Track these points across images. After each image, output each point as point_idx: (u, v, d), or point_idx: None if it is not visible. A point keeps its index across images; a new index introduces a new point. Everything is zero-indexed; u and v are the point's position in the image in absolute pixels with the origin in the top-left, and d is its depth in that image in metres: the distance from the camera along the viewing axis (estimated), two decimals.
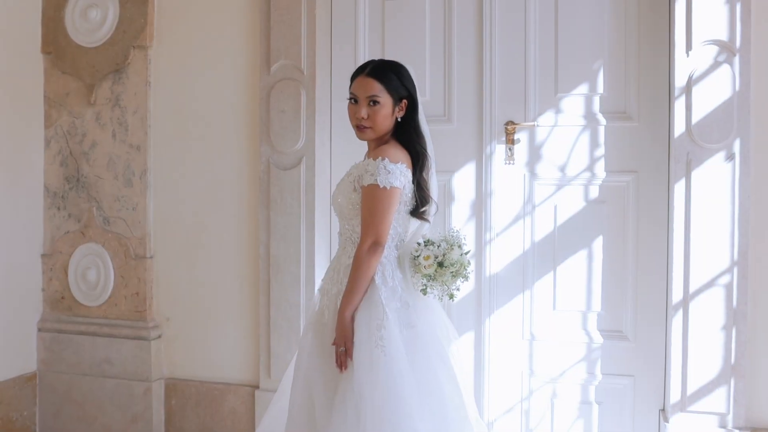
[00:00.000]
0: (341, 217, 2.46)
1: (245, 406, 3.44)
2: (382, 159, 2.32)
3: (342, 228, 2.48)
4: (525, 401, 3.24)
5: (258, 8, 3.37)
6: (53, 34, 3.66)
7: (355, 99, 2.43)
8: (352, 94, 2.44)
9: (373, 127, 2.40)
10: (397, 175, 2.31)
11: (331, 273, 2.49)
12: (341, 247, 2.48)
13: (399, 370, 2.22)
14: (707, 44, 2.86)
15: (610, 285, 3.14)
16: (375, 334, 2.25)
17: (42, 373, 3.68)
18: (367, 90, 2.40)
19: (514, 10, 3.20)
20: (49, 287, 3.71)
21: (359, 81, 2.43)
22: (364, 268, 2.30)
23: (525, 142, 3.22)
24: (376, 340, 2.24)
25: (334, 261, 2.51)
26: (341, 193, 2.43)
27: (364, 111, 2.39)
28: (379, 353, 2.23)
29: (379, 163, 2.31)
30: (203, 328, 3.53)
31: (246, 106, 3.44)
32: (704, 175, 2.87)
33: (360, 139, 2.48)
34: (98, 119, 3.61)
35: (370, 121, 2.40)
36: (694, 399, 2.89)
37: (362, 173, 2.35)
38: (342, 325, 2.29)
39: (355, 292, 2.30)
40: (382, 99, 2.39)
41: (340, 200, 2.42)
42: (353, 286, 2.30)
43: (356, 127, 2.43)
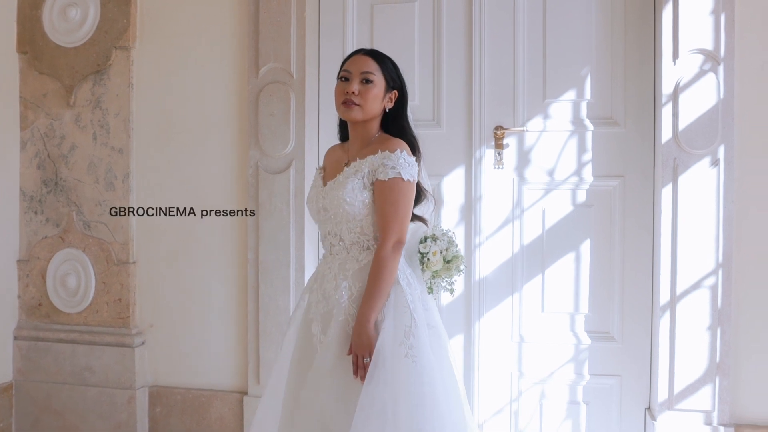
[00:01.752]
0: (345, 219, 2.23)
1: (233, 413, 3.40)
2: (401, 151, 2.19)
3: (342, 231, 2.26)
4: (514, 402, 3.29)
5: (246, 11, 3.34)
6: (29, 34, 3.56)
7: (346, 77, 2.28)
8: (345, 71, 2.29)
9: (363, 105, 2.25)
10: (414, 167, 2.21)
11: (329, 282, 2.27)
12: (344, 252, 2.26)
13: (431, 379, 2.11)
14: (693, 53, 2.94)
15: (598, 287, 3.20)
16: (404, 343, 2.11)
17: (18, 383, 3.58)
18: (362, 66, 2.27)
19: (503, 16, 3.24)
20: (25, 294, 3.61)
21: (355, 59, 2.31)
22: (390, 270, 2.15)
23: (514, 146, 3.26)
24: (406, 349, 2.11)
25: (335, 267, 2.27)
26: (348, 193, 2.21)
27: (356, 86, 2.24)
28: (409, 363, 2.10)
29: (399, 156, 2.18)
30: (189, 334, 3.48)
31: (234, 109, 3.40)
32: (690, 180, 2.96)
33: (344, 118, 2.32)
34: (78, 121, 3.53)
35: (360, 98, 2.24)
36: (681, 397, 2.97)
37: (377, 167, 2.19)
38: (367, 333, 2.12)
39: (380, 297, 2.14)
40: (376, 78, 2.26)
41: (348, 200, 2.20)
42: (378, 290, 2.14)
43: (343, 103, 2.26)
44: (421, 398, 2.08)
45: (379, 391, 2.07)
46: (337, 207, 2.23)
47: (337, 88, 2.30)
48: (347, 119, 2.30)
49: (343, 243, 2.27)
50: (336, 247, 2.29)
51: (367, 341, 2.12)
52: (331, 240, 2.30)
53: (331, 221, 2.28)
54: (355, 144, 2.34)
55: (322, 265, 2.35)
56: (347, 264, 2.26)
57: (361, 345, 2.13)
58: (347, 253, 2.27)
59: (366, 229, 2.25)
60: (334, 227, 2.28)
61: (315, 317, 2.29)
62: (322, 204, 2.29)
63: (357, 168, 2.23)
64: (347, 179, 2.23)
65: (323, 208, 2.29)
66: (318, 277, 2.34)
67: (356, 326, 2.16)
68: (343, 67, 2.31)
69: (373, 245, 2.25)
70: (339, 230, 2.27)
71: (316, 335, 2.28)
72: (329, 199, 2.26)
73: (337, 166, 2.36)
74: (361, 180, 2.22)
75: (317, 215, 2.34)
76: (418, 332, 2.15)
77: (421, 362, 2.12)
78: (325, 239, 2.34)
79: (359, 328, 2.15)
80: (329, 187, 2.29)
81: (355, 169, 2.24)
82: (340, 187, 2.24)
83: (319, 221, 2.36)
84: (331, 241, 2.30)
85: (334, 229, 2.28)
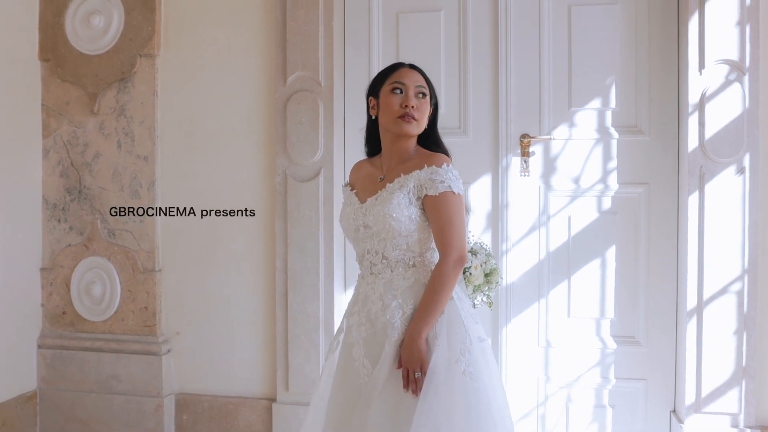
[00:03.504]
0: (390, 235, 2.17)
1: (261, 420, 3.41)
2: (447, 165, 2.16)
3: (387, 248, 2.19)
4: (541, 406, 3.34)
5: (273, 19, 3.35)
6: (52, 41, 3.54)
7: (400, 89, 2.23)
8: (398, 83, 2.23)
9: (419, 120, 2.22)
10: (460, 180, 2.19)
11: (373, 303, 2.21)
12: (387, 270, 2.20)
13: (486, 395, 2.10)
14: (719, 63, 3.00)
15: (623, 292, 3.26)
16: (460, 360, 2.10)
17: (43, 392, 3.56)
18: (416, 80, 2.25)
19: (529, 26, 3.28)
20: (48, 302, 3.59)
21: (405, 72, 2.26)
22: (450, 286, 2.12)
23: (540, 154, 3.30)
24: (463, 366, 2.09)
25: (379, 287, 2.21)
26: (394, 209, 2.15)
27: (414, 100, 2.22)
28: (467, 380, 2.09)
29: (446, 170, 2.15)
30: (215, 341, 3.48)
31: (260, 117, 3.41)
32: (716, 187, 3.02)
33: (400, 133, 2.24)
34: (102, 129, 3.52)
35: (417, 112, 2.21)
36: (708, 400, 3.04)
37: (424, 183, 2.15)
38: (418, 347, 2.09)
39: (436, 313, 2.11)
40: (428, 93, 2.27)
41: (395, 215, 2.15)
42: (435, 306, 2.11)
43: (402, 117, 2.21)
44: (478, 416, 2.08)
45: (434, 409, 2.05)
46: (382, 223, 2.18)
47: (390, 99, 2.23)
48: (403, 133, 2.24)
49: (386, 261, 2.21)
50: (378, 266, 2.22)
51: (419, 356, 2.10)
52: (372, 259, 2.23)
53: (374, 238, 2.21)
54: (392, 159, 2.29)
55: (363, 287, 2.27)
56: (394, 283, 2.21)
57: (413, 359, 2.10)
58: (391, 271, 2.21)
59: (412, 246, 2.20)
60: (376, 245, 2.21)
61: (356, 341, 2.24)
62: (363, 221, 2.23)
63: (402, 183, 2.18)
64: (392, 195, 2.18)
65: (364, 225, 2.22)
66: (359, 300, 2.28)
67: (407, 340, 2.12)
68: (393, 79, 2.26)
69: (419, 262, 2.21)
70: (382, 248, 2.21)
71: (358, 360, 2.22)
72: (372, 216, 2.20)
73: (370, 182, 2.31)
74: (407, 195, 2.17)
75: (355, 233, 2.26)
76: (473, 348, 2.15)
77: (478, 379, 2.11)
78: (363, 258, 2.27)
79: (411, 342, 2.11)
80: (370, 204, 2.22)
81: (399, 184, 2.19)
82: (384, 202, 2.18)
83: (357, 240, 2.27)
84: (371, 260, 2.23)
85: (377, 246, 2.21)
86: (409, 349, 2.12)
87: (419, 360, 2.10)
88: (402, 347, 2.15)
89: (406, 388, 2.11)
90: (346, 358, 2.26)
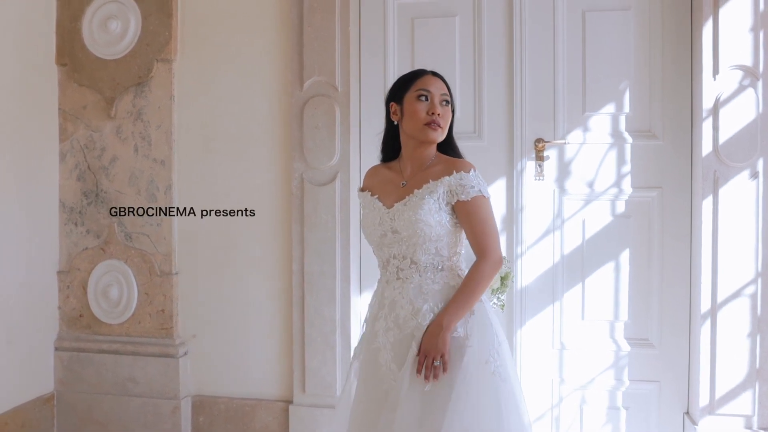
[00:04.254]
0: (421, 240, 2.19)
1: (278, 422, 3.44)
2: (474, 170, 2.21)
3: (416, 253, 2.21)
4: (555, 408, 3.37)
5: (290, 24, 3.38)
6: (69, 46, 3.57)
7: (426, 96, 2.26)
8: (424, 90, 2.26)
9: (444, 127, 2.27)
10: (486, 185, 2.24)
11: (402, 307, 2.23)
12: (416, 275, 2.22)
13: (515, 397, 2.16)
14: (733, 69, 3.04)
15: (636, 295, 3.29)
16: (491, 361, 2.14)
17: (60, 394, 3.59)
18: (440, 88, 2.29)
19: (543, 31, 3.31)
20: (65, 305, 3.62)
21: (430, 79, 2.30)
22: (485, 285, 2.16)
23: (554, 158, 3.34)
24: (493, 367, 2.13)
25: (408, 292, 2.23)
26: (425, 214, 2.18)
27: (439, 107, 2.26)
28: (497, 381, 2.13)
29: (474, 175, 2.20)
30: (232, 344, 3.51)
31: (276, 122, 3.44)
32: (730, 192, 3.05)
33: (426, 140, 2.27)
34: (119, 133, 3.54)
35: (443, 120, 2.26)
36: (721, 402, 3.07)
37: (455, 188, 2.18)
38: (444, 337, 2.11)
39: (467, 308, 2.15)
40: (451, 103, 2.31)
41: (426, 220, 2.17)
42: (469, 302, 2.15)
43: (428, 124, 2.24)
44: (508, 417, 2.12)
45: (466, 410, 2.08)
46: (413, 228, 2.20)
47: (416, 106, 2.26)
48: (429, 140, 2.27)
49: (415, 266, 2.23)
50: (405, 270, 2.24)
51: (443, 345, 2.12)
52: (398, 264, 2.25)
53: (402, 243, 2.23)
54: (413, 164, 2.31)
55: (389, 291, 2.27)
56: (424, 287, 2.22)
57: (436, 348, 2.12)
58: (420, 275, 2.23)
59: (441, 250, 2.23)
60: (404, 249, 2.23)
61: (384, 346, 2.25)
62: (390, 226, 2.24)
63: (432, 189, 2.21)
64: (422, 200, 2.20)
65: (392, 230, 2.24)
66: (384, 304, 2.28)
67: (434, 328, 2.14)
68: (419, 86, 2.28)
69: (447, 266, 2.24)
70: (411, 252, 2.22)
71: (385, 364, 2.24)
72: (401, 221, 2.22)
73: (392, 187, 2.32)
74: (436, 201, 2.20)
75: (381, 239, 2.28)
76: (501, 350, 2.19)
77: (507, 380, 2.16)
78: (388, 263, 2.28)
79: (437, 330, 2.13)
80: (398, 209, 2.24)
81: (429, 190, 2.21)
82: (415, 208, 2.20)
83: (382, 245, 2.28)
84: (398, 265, 2.25)
85: (405, 251, 2.23)
86: (434, 337, 2.13)
87: (442, 349, 2.12)
88: (426, 335, 2.16)
89: (419, 374, 2.12)
90: (373, 364, 2.28)
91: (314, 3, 3.34)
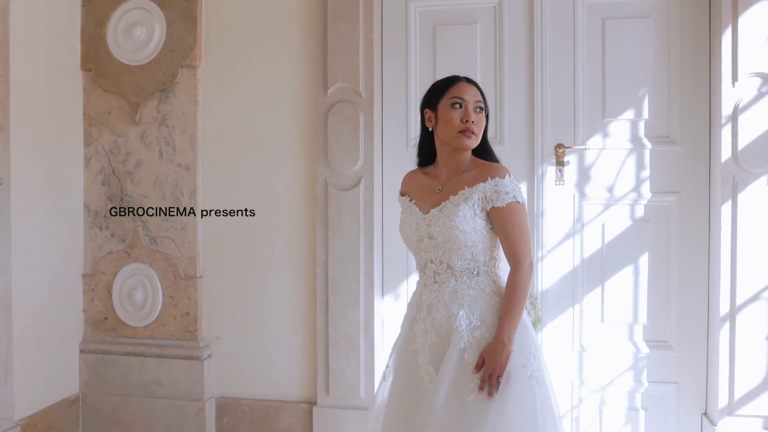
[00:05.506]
0: (456, 246, 2.24)
1: (302, 423, 3.49)
2: (509, 176, 2.25)
3: (452, 258, 2.26)
4: (575, 409, 3.42)
5: (314, 31, 3.43)
6: (94, 51, 3.61)
7: (460, 104, 2.30)
8: (458, 98, 2.30)
9: (478, 134, 2.31)
10: (521, 189, 2.28)
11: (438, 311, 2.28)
12: (452, 279, 2.27)
13: (549, 399, 2.22)
14: (751, 76, 3.10)
15: (655, 298, 3.35)
16: (528, 365, 2.18)
17: (85, 395, 3.63)
18: (475, 95, 2.33)
19: (563, 38, 3.37)
20: (90, 308, 3.66)
21: (463, 86, 2.34)
22: (526, 291, 2.20)
23: (574, 164, 3.39)
24: (530, 372, 2.18)
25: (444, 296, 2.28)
26: (460, 220, 2.22)
27: (473, 115, 2.30)
28: (534, 385, 2.18)
29: (509, 181, 2.24)
30: (256, 346, 3.56)
31: (301, 127, 3.49)
32: (749, 197, 3.11)
33: (460, 147, 2.32)
34: (143, 138, 3.59)
35: (477, 127, 2.30)
36: (740, 403, 3.13)
37: (490, 195, 2.23)
38: (507, 353, 2.16)
39: (519, 318, 2.19)
40: (485, 109, 2.35)
41: (461, 227, 2.22)
42: (518, 311, 2.18)
43: (463, 132, 2.28)
44: (544, 420, 2.17)
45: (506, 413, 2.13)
46: (448, 234, 2.24)
47: (450, 113, 2.30)
48: (463, 147, 2.32)
49: (451, 270, 2.27)
50: (442, 275, 2.29)
51: (506, 361, 2.16)
52: (435, 268, 2.30)
53: (438, 249, 2.28)
54: (449, 169, 2.36)
55: (426, 295, 2.33)
56: (459, 291, 2.27)
57: (501, 364, 2.16)
58: (456, 280, 2.28)
59: (477, 256, 2.27)
60: (441, 254, 2.28)
61: (422, 348, 2.30)
62: (427, 231, 2.29)
63: (467, 195, 2.25)
64: (457, 207, 2.25)
65: (428, 235, 2.29)
66: (423, 307, 2.33)
67: (497, 346, 2.17)
68: (453, 94, 2.32)
69: (483, 271, 2.28)
70: (447, 257, 2.27)
71: (423, 366, 2.28)
72: (437, 227, 2.26)
73: (428, 192, 2.37)
74: (472, 207, 2.24)
75: (418, 244, 2.33)
76: (538, 354, 2.25)
77: (544, 384, 2.21)
78: (426, 267, 2.33)
79: (501, 347, 2.17)
80: (434, 215, 2.29)
81: (464, 196, 2.25)
82: (450, 214, 2.25)
83: (419, 249, 2.34)
84: (435, 269, 2.30)
85: (442, 256, 2.28)
86: (499, 354, 2.16)
87: (505, 364, 2.16)
88: (489, 352, 2.18)
89: (481, 390, 2.16)
90: (410, 365, 2.32)
91: (338, 11, 3.39)
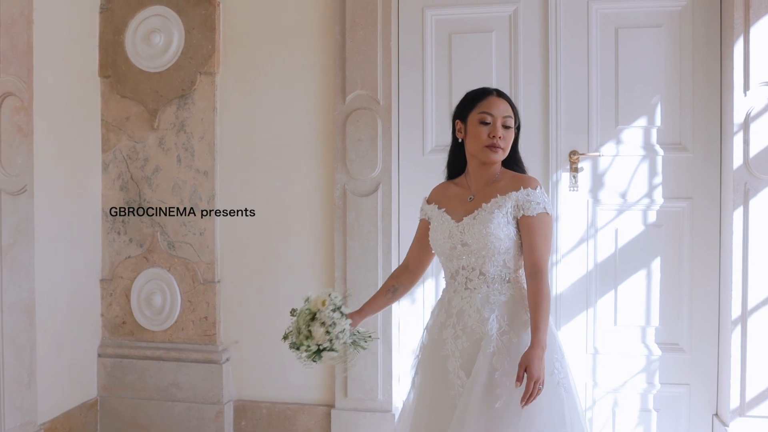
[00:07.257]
0: (490, 253, 2.30)
1: (320, 425, 3.54)
2: (540, 187, 2.34)
3: (485, 265, 2.32)
4: (589, 411, 3.49)
5: (332, 39, 3.48)
6: (112, 58, 3.64)
7: (488, 121, 2.36)
8: (486, 113, 2.36)
9: (505, 149, 2.37)
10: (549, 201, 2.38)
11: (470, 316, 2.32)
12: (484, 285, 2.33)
13: (576, 406, 2.27)
14: (763, 85, 3.17)
15: (667, 302, 3.42)
16: (555, 372, 2.23)
17: (103, 399, 3.66)
18: (503, 111, 2.37)
19: (578, 47, 3.43)
20: (108, 312, 3.69)
21: (493, 101, 2.39)
22: (549, 297, 2.25)
23: (588, 170, 3.46)
24: (558, 378, 2.22)
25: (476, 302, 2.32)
26: (495, 228, 2.29)
27: (501, 131, 2.35)
28: (562, 392, 2.22)
29: (540, 192, 2.32)
30: (274, 349, 3.56)
31: (319, 134, 3.53)
32: (760, 203, 3.18)
33: (487, 161, 2.39)
34: (162, 144, 3.62)
35: (504, 141, 2.36)
36: (752, 405, 3.21)
37: (522, 204, 2.30)
38: (542, 360, 2.15)
39: (548, 324, 2.22)
40: (513, 123, 2.40)
41: (495, 234, 2.29)
42: (547, 317, 2.21)
43: (490, 147, 2.35)
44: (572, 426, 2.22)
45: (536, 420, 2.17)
46: (483, 241, 2.30)
47: (479, 128, 2.36)
48: (489, 162, 2.39)
49: (484, 277, 2.33)
50: (474, 281, 2.34)
51: (543, 369, 2.15)
52: (467, 274, 2.35)
53: (471, 255, 2.33)
54: (479, 180, 2.42)
55: (457, 301, 2.37)
56: (491, 297, 2.32)
57: (541, 371, 2.14)
58: (488, 286, 2.33)
59: (508, 262, 2.33)
60: (474, 261, 2.33)
61: (452, 353, 2.33)
62: (460, 239, 2.34)
63: (500, 203, 2.32)
64: (491, 214, 2.31)
65: (462, 243, 2.34)
66: (452, 313, 2.37)
67: (538, 352, 2.15)
68: (482, 109, 2.38)
69: (514, 278, 2.34)
70: (480, 264, 2.33)
71: (453, 371, 2.32)
72: (471, 234, 2.32)
73: (459, 201, 2.42)
74: (505, 215, 2.31)
75: (451, 251, 2.37)
76: (564, 361, 2.31)
77: (571, 391, 2.27)
78: (457, 274, 2.38)
79: (540, 353, 2.16)
80: (468, 223, 2.34)
81: (497, 204, 2.32)
82: (485, 222, 2.31)
83: (451, 256, 2.38)
84: (467, 276, 2.36)
85: (474, 263, 2.34)
86: (539, 362, 2.15)
87: (542, 372, 2.15)
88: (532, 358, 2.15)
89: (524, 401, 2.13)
90: (440, 371, 2.36)
91: (356, 19, 3.44)
